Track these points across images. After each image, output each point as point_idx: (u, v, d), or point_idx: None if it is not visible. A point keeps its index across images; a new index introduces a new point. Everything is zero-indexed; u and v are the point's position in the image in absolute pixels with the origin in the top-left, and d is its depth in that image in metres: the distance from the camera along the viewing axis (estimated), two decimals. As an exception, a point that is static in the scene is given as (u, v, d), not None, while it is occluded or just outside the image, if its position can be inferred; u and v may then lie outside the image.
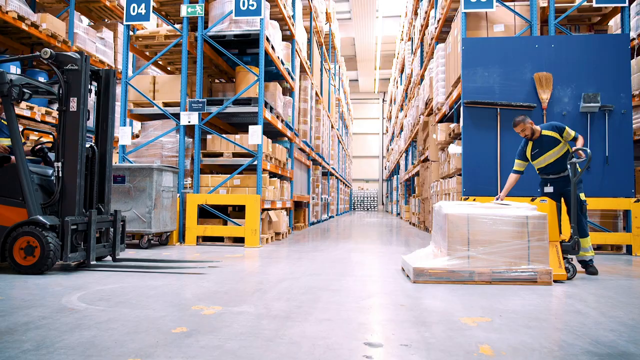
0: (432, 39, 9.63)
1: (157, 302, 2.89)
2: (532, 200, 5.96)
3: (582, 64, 6.05)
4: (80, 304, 2.81)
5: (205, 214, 6.75)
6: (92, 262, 4.08)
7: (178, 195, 6.62)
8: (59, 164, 3.98)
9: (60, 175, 3.98)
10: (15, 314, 2.54)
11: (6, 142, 4.37)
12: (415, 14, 13.67)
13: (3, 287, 3.29)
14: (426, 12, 10.77)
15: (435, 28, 9.16)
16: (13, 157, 4.13)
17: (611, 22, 7.75)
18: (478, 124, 6.17)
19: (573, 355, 1.99)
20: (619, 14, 6.89)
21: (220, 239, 6.68)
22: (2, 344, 2.04)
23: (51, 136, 5.18)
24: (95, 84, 4.42)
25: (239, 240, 6.62)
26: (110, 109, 4.41)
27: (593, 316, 2.67)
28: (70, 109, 4.02)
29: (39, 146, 4.61)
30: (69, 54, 4.10)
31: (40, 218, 3.81)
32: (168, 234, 6.49)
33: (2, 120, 4.54)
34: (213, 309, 2.71)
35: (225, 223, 6.67)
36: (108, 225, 4.40)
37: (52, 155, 4.58)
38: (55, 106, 9.40)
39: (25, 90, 4.06)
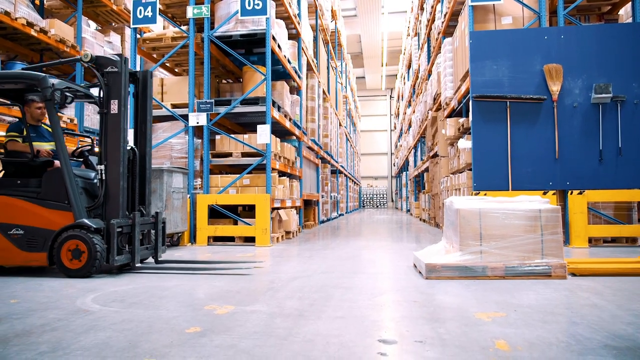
0: (439, 33, 9.56)
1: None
2: (544, 193, 5.90)
3: (593, 55, 5.96)
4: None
5: (216, 214, 6.77)
6: (137, 265, 4.09)
7: (188, 196, 6.66)
8: (102, 167, 3.98)
9: (103, 178, 3.98)
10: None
11: (48, 146, 4.39)
12: (422, 8, 13.58)
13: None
14: (432, 7, 10.69)
15: (442, 22, 9.09)
16: (56, 162, 4.15)
17: (621, 11, 7.63)
18: (487, 118, 6.11)
19: (591, 349, 1.96)
20: (630, 3, 6.78)
21: (231, 239, 6.70)
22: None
23: (89, 139, 5.20)
24: (132, 85, 4.42)
25: (250, 240, 6.64)
26: (148, 110, 4.40)
27: (610, 309, 2.63)
28: (111, 112, 4.02)
29: (79, 149, 4.61)
30: (108, 56, 4.09)
31: (87, 221, 3.82)
32: (179, 234, 6.52)
33: (43, 125, 4.56)
34: (226, 309, 2.71)
35: (235, 223, 6.69)
36: (150, 227, 4.38)
37: (92, 159, 4.59)
38: (65, 111, 9.49)
39: (68, 94, 4.08)
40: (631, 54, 5.90)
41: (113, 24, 11.66)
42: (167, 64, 9.05)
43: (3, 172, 4.34)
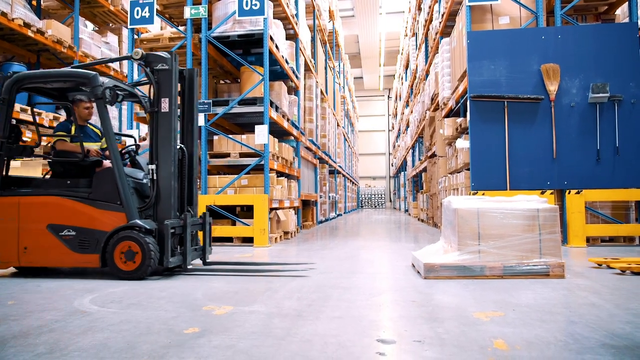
0: (436, 33, 9.57)
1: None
2: (542, 193, 5.91)
3: (590, 54, 5.97)
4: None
5: (214, 214, 6.76)
6: (188, 267, 4.03)
7: (186, 196, 6.64)
8: (153, 167, 3.90)
9: (154, 178, 3.90)
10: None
11: (94, 146, 4.33)
12: (419, 9, 13.60)
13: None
14: (430, 7, 10.70)
15: (440, 22, 9.11)
16: (105, 162, 4.10)
17: (618, 11, 7.66)
18: (485, 117, 6.12)
19: (589, 348, 1.96)
20: (626, 3, 6.80)
21: (229, 239, 6.69)
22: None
23: (132, 139, 5.12)
24: (179, 83, 4.32)
25: (248, 240, 6.63)
26: (194, 109, 4.31)
27: (608, 308, 2.63)
28: (162, 110, 3.93)
29: (125, 149, 4.53)
30: (159, 53, 4.00)
31: (140, 222, 3.73)
32: (177, 235, 6.50)
33: (89, 125, 4.50)
34: (224, 309, 2.71)
35: (233, 223, 6.68)
36: (198, 228, 4.30)
37: (138, 159, 4.51)
38: (62, 112, 9.47)
39: (118, 92, 4.01)
40: (628, 53, 5.92)
41: (110, 25, 11.64)
42: (165, 65, 9.03)
43: (50, 172, 4.26)
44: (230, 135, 7.07)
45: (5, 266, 4.02)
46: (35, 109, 8.23)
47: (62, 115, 9.14)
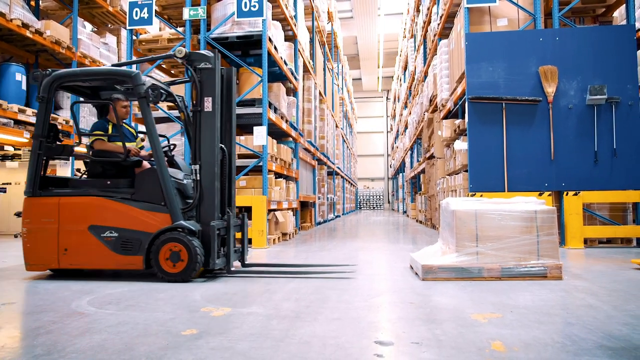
0: (435, 35, 9.59)
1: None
2: (540, 195, 5.92)
3: (588, 56, 5.99)
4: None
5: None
6: (232, 268, 3.96)
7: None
8: (197, 167, 3.82)
9: (198, 178, 3.82)
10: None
11: (119, 145, 4.22)
12: (418, 10, 13.63)
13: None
14: (428, 9, 10.72)
15: (438, 24, 9.12)
16: (145, 162, 4.06)
17: (616, 14, 7.68)
18: (483, 119, 6.13)
19: (587, 349, 1.97)
20: (624, 5, 6.82)
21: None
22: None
23: (166, 140, 5.02)
24: None
25: (246, 242, 6.61)
26: (233, 108, 4.22)
27: (605, 310, 2.64)
28: (205, 109, 3.84)
29: (164, 149, 4.42)
30: (202, 52, 3.93)
31: (185, 223, 3.66)
32: (175, 236, 6.49)
33: (125, 125, 4.42)
34: (222, 311, 2.70)
35: (232, 224, 6.67)
36: (237, 229, 4.22)
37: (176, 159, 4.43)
38: (61, 112, 9.46)
39: (162, 91, 3.95)
40: (625, 55, 5.94)
41: (109, 26, 11.63)
42: (163, 66, 9.04)
43: (87, 171, 4.18)
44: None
45: (43, 268, 3.92)
46: (33, 110, 8.22)
47: (61, 116, 9.12)
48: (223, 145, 4.09)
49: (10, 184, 9.55)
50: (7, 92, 8.08)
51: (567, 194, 5.91)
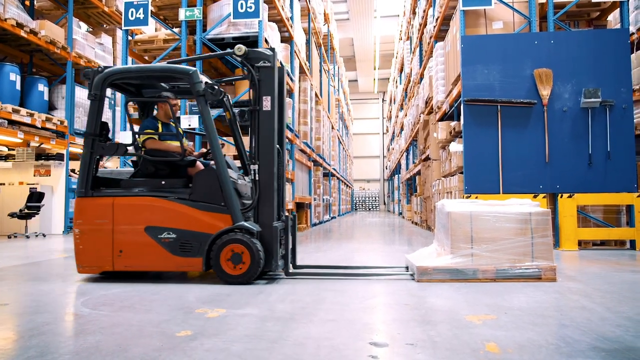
0: (430, 37, 9.62)
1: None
2: (535, 197, 5.95)
3: (582, 60, 6.03)
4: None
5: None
6: (290, 270, 3.89)
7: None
8: (256, 167, 3.75)
9: (256, 178, 3.75)
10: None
11: (175, 144, 4.13)
12: (414, 13, 13.67)
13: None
14: (424, 11, 10.76)
15: (434, 27, 9.16)
16: (198, 162, 4.00)
17: (610, 17, 7.74)
18: (479, 121, 6.16)
19: (580, 351, 1.98)
20: (618, 9, 6.88)
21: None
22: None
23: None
24: None
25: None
26: (284, 108, 4.13)
27: (599, 312, 2.65)
28: (264, 108, 3.76)
29: (209, 150, 4.31)
30: (261, 50, 3.85)
31: (247, 224, 3.59)
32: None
33: (172, 123, 4.33)
34: (217, 312, 2.70)
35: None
36: (289, 230, 4.10)
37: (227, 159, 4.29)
38: (55, 112, 9.42)
39: (222, 90, 3.87)
40: (619, 59, 5.98)
41: (104, 26, 11.60)
42: (159, 66, 9.01)
43: (138, 171, 4.04)
44: (225, 138, 7.06)
45: (97, 270, 3.79)
46: (27, 110, 8.18)
47: (56, 116, 9.07)
48: (278, 146, 4.00)
49: (4, 184, 9.48)
50: (1, 92, 8.04)
51: (561, 196, 5.95)
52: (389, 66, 28.52)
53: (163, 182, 3.80)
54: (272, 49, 3.87)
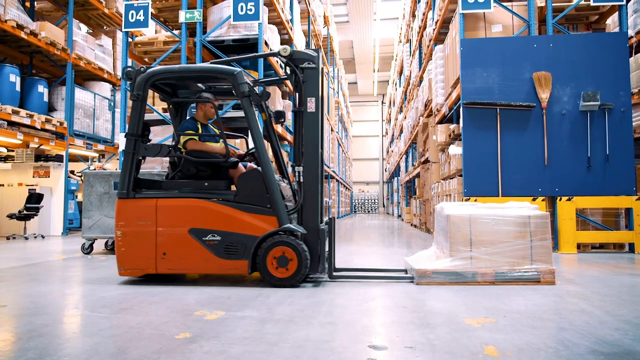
0: (430, 40, 9.64)
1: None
2: (534, 200, 5.95)
3: (581, 63, 6.05)
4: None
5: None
6: (333, 274, 3.83)
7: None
8: (300, 169, 3.70)
9: (301, 180, 3.70)
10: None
11: (218, 146, 4.11)
12: (413, 16, 13.70)
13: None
14: (424, 14, 10.79)
15: (433, 29, 9.18)
16: (240, 164, 3.97)
17: (609, 21, 7.77)
18: (478, 124, 6.17)
19: (579, 354, 1.98)
20: (617, 13, 6.90)
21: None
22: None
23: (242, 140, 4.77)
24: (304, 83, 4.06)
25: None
26: (323, 110, 4.03)
27: (598, 315, 2.66)
28: (308, 110, 3.72)
29: (248, 150, 4.32)
30: (305, 51, 3.82)
31: (293, 227, 3.56)
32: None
33: (210, 125, 4.31)
34: (216, 314, 2.70)
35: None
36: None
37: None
38: (55, 114, 9.41)
39: (268, 91, 3.84)
40: (618, 62, 6.00)
41: (104, 28, 11.61)
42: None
43: (179, 172, 3.98)
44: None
45: (139, 273, 3.74)
46: (27, 111, 8.18)
47: (55, 117, 9.07)
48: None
49: (3, 185, 9.48)
50: (1, 93, 8.04)
51: (560, 199, 5.95)
52: (389, 69, 28.57)
53: (206, 184, 3.76)
54: (317, 50, 3.85)
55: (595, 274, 4.17)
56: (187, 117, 4.37)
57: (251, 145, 4.09)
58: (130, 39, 7.82)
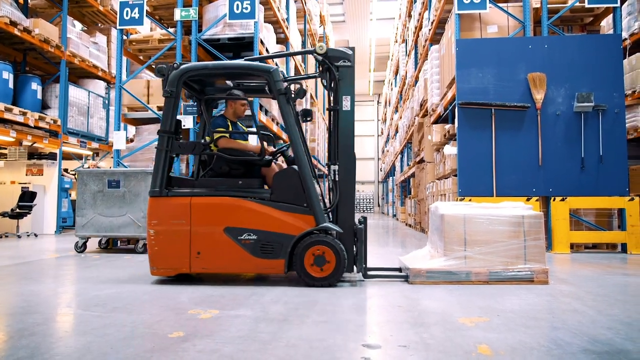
0: (426, 40, 9.66)
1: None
2: (528, 200, 5.98)
3: (575, 64, 6.08)
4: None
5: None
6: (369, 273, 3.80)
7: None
8: (335, 168, 3.68)
9: (336, 179, 3.67)
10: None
11: (247, 143, 4.05)
12: (409, 16, 13.73)
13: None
14: (420, 14, 10.80)
15: (429, 30, 9.20)
16: (274, 163, 3.93)
17: (603, 23, 7.81)
18: (473, 124, 6.18)
19: (571, 353, 1.99)
20: (611, 15, 6.94)
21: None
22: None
23: (281, 140, 4.73)
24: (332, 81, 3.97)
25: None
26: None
27: (590, 314, 2.67)
28: (344, 108, 3.70)
29: (279, 149, 4.26)
30: (340, 49, 3.77)
31: (331, 226, 3.53)
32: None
33: (240, 123, 4.26)
34: (210, 313, 2.69)
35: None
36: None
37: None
38: (49, 111, 9.35)
39: (304, 89, 3.80)
40: (612, 64, 6.04)
41: (99, 25, 11.55)
42: (154, 66, 8.98)
43: (210, 170, 3.92)
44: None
45: (172, 273, 3.68)
46: (20, 108, 8.12)
47: (49, 115, 9.01)
48: None
49: (-5, 183, 9.40)
50: (-6, 90, 7.96)
51: (554, 200, 5.98)
52: (385, 68, 28.61)
53: (240, 182, 3.71)
54: (352, 48, 3.83)
55: (588, 274, 4.20)
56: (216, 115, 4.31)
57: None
58: (125, 37, 7.78)
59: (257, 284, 3.69)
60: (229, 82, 4.31)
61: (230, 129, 4.05)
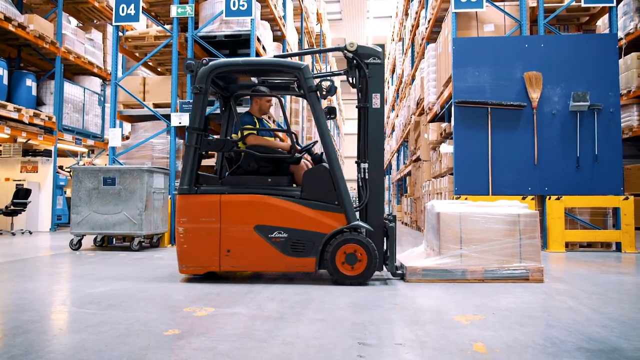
0: (422, 39, 9.66)
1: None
2: (523, 198, 6.00)
3: (571, 63, 6.10)
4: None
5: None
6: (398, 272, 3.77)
7: (169, 196, 6.58)
8: (366, 165, 3.66)
9: (366, 177, 3.65)
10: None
11: (279, 141, 4.03)
12: (406, 14, 13.72)
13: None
14: (417, 13, 10.80)
15: (426, 28, 9.20)
16: (303, 160, 3.92)
17: (599, 22, 7.85)
18: (469, 123, 6.19)
19: (566, 351, 2.00)
20: (607, 14, 6.96)
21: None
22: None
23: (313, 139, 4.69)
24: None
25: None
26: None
27: (585, 313, 2.68)
28: (374, 106, 3.68)
29: (307, 146, 4.22)
30: (370, 46, 3.79)
31: (362, 224, 3.53)
32: (159, 236, 6.43)
33: (265, 120, 4.20)
34: (205, 311, 2.68)
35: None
36: None
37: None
38: (43, 108, 9.30)
39: (335, 86, 3.78)
40: (608, 63, 6.05)
41: (95, 21, 11.48)
42: (150, 63, 8.94)
43: (239, 167, 3.85)
44: (215, 136, 7.01)
45: (202, 271, 3.66)
46: (14, 105, 8.07)
47: (44, 112, 8.96)
48: None
49: (-11, 180, 9.34)
50: (-12, 86, 7.91)
51: (549, 198, 6.00)
52: (381, 67, 28.54)
53: (269, 179, 3.68)
54: (382, 46, 3.82)
55: (583, 272, 4.22)
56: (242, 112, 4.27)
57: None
58: (120, 33, 7.73)
59: (253, 281, 3.68)
60: (253, 79, 4.30)
61: (257, 125, 4.04)
